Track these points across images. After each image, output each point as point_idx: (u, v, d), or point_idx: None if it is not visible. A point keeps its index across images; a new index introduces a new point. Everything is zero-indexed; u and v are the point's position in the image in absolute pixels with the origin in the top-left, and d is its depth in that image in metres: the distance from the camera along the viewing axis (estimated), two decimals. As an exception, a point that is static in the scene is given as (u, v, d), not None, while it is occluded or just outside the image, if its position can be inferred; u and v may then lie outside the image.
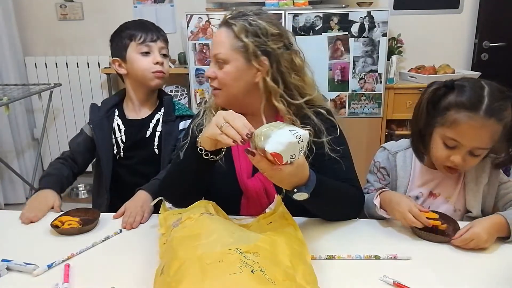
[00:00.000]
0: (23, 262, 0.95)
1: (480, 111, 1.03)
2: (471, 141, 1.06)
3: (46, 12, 3.42)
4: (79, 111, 3.47)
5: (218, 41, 1.15)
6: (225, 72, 1.14)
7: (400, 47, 3.14)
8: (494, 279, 0.90)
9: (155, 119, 1.50)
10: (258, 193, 1.18)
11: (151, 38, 1.44)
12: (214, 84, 1.17)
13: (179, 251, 0.80)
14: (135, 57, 1.43)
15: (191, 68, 2.86)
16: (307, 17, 2.69)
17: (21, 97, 2.88)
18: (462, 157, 1.08)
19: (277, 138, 0.83)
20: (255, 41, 1.11)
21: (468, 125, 1.04)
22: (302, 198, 0.94)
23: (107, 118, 1.49)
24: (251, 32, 1.11)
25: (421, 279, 0.90)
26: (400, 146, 1.28)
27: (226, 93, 1.16)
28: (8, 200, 3.32)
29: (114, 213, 1.22)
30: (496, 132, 1.05)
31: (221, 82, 1.15)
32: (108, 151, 1.47)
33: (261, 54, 1.12)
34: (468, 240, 0.99)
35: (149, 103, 1.52)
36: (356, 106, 2.84)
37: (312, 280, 0.80)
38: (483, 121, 1.03)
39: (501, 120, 1.04)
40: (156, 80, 1.45)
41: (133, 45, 1.43)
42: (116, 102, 1.54)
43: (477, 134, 1.04)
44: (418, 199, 1.22)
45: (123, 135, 1.48)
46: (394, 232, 1.10)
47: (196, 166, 1.06)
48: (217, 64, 1.15)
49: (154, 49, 1.44)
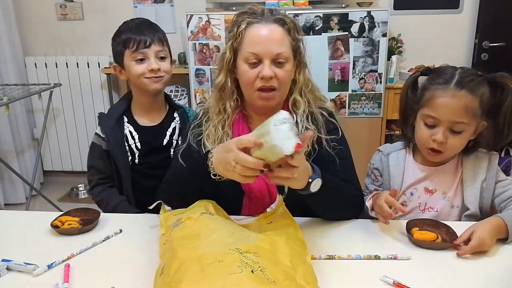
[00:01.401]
0: (23, 262, 0.95)
1: (451, 84, 1.11)
2: (446, 115, 1.10)
3: (46, 12, 3.42)
4: (79, 111, 3.47)
5: (277, 39, 1.11)
6: (287, 70, 1.14)
7: (400, 47, 3.14)
8: (494, 279, 0.90)
9: (171, 127, 1.48)
10: (262, 193, 1.17)
11: (145, 44, 1.38)
12: (274, 83, 1.12)
13: (179, 251, 0.80)
14: (130, 65, 1.40)
15: (191, 68, 2.85)
16: (307, 17, 2.69)
17: (21, 97, 2.88)
18: (443, 133, 1.11)
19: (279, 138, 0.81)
20: (301, 39, 1.16)
21: (441, 98, 1.11)
22: (318, 186, 0.96)
23: (118, 126, 1.46)
24: (298, 31, 1.17)
25: (421, 279, 0.90)
26: (394, 147, 1.31)
27: (282, 94, 1.17)
28: (8, 200, 3.32)
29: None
30: (471, 105, 1.09)
31: (282, 81, 1.13)
32: (124, 159, 1.45)
33: (303, 50, 1.17)
34: (476, 248, 0.98)
35: (156, 107, 1.50)
36: (356, 106, 2.83)
37: (312, 280, 0.80)
38: (454, 92, 1.10)
39: (473, 92, 1.09)
40: (153, 85, 1.41)
41: (128, 53, 1.39)
42: (124, 108, 1.50)
43: (450, 106, 1.10)
44: (413, 195, 1.23)
45: (138, 142, 1.46)
46: (394, 232, 1.10)
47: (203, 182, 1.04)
48: (274, 64, 1.11)
49: (150, 55, 1.39)
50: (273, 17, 1.13)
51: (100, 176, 1.50)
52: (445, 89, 1.11)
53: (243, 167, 0.86)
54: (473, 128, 1.13)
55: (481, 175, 1.18)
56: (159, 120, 1.49)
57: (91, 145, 1.52)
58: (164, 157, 1.45)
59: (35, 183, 3.20)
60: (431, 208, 1.21)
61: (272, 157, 0.83)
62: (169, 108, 1.53)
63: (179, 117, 1.50)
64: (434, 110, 1.12)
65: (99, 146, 1.49)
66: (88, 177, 1.53)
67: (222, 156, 0.92)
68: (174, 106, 1.54)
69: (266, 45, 1.11)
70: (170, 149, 1.46)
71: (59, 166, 3.60)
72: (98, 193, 1.48)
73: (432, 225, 1.08)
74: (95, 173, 1.51)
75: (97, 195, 1.48)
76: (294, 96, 1.19)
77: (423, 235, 1.03)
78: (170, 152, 1.46)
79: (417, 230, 1.05)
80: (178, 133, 1.48)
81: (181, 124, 1.49)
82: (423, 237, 1.02)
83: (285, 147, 0.80)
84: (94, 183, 1.50)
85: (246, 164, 0.85)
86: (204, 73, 2.85)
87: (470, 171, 1.19)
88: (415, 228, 1.06)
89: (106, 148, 1.47)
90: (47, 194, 3.16)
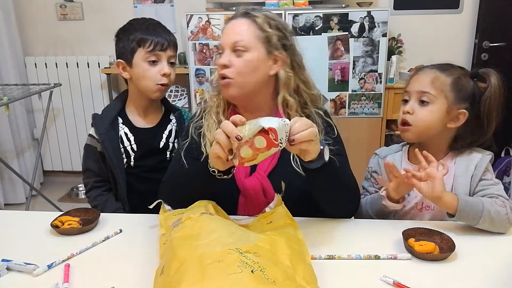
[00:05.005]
0: (23, 262, 0.95)
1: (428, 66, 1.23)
2: (415, 86, 1.20)
3: (46, 12, 3.42)
4: (79, 111, 3.47)
5: (238, 30, 1.14)
6: (245, 60, 1.13)
7: (400, 47, 3.14)
8: (494, 279, 0.90)
9: (168, 130, 1.46)
10: (256, 192, 1.18)
11: (161, 47, 1.34)
12: (227, 72, 1.14)
13: (179, 251, 0.80)
14: (141, 65, 1.35)
15: (191, 68, 2.85)
16: (307, 17, 2.69)
17: (21, 97, 2.88)
18: (411, 105, 1.19)
19: (266, 120, 0.88)
20: (277, 34, 1.15)
21: (415, 76, 1.23)
22: (328, 153, 0.99)
23: (113, 127, 1.42)
24: (273, 24, 1.16)
25: (421, 279, 0.90)
26: (391, 150, 1.33)
27: (241, 84, 1.15)
28: (8, 200, 3.32)
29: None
30: (439, 79, 1.17)
31: (238, 70, 1.13)
32: (119, 161, 1.41)
33: (281, 47, 1.16)
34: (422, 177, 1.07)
35: (153, 109, 1.47)
36: (356, 106, 2.84)
37: (312, 280, 0.80)
38: (426, 69, 1.21)
39: (444, 71, 1.18)
40: (157, 93, 1.38)
41: (141, 51, 1.34)
42: (119, 109, 1.46)
43: (419, 78, 1.20)
44: (410, 196, 1.23)
45: (134, 144, 1.43)
46: (394, 232, 1.10)
47: (204, 182, 1.06)
48: (234, 53, 1.14)
49: (163, 59, 1.35)
50: (242, 12, 1.18)
51: (96, 179, 1.47)
52: (421, 69, 1.23)
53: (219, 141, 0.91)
54: (443, 104, 1.16)
55: (470, 172, 1.19)
56: (155, 122, 1.47)
57: (85, 147, 1.48)
58: (160, 160, 1.43)
59: (35, 183, 3.20)
60: (428, 207, 1.22)
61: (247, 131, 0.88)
62: (165, 110, 1.50)
63: (176, 120, 1.48)
64: (408, 86, 1.23)
65: (94, 148, 1.45)
66: (83, 180, 1.50)
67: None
68: (171, 108, 1.51)
69: (228, 35, 1.16)
70: (166, 152, 1.45)
71: (59, 166, 3.60)
72: (94, 198, 1.45)
73: (426, 234, 1.04)
74: (91, 175, 1.48)
75: (93, 200, 1.45)
76: (282, 94, 1.18)
77: (423, 246, 0.98)
78: (167, 154, 1.45)
79: (414, 241, 1.00)
80: (174, 135, 1.46)
81: (178, 127, 1.47)
82: (423, 249, 0.97)
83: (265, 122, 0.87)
84: (90, 186, 1.47)
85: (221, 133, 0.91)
86: (204, 73, 2.85)
87: (462, 168, 1.20)
88: (411, 239, 1.01)
89: (100, 150, 1.43)
90: (47, 194, 3.16)
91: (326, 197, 1.12)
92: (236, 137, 0.88)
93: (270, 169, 1.19)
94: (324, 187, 1.08)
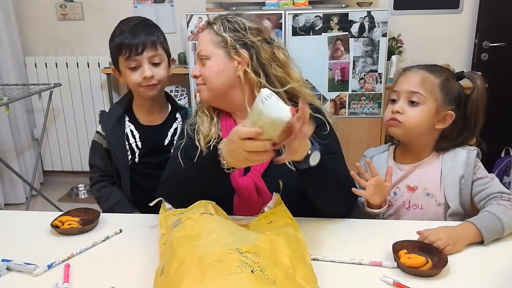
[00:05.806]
0: (23, 262, 0.95)
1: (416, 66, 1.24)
2: (405, 86, 1.20)
3: (46, 12, 3.42)
4: (79, 111, 3.47)
5: (201, 41, 1.23)
6: (208, 67, 1.20)
7: (400, 47, 3.14)
8: (493, 279, 0.90)
9: (173, 128, 1.48)
10: (249, 191, 1.18)
11: (136, 51, 1.33)
12: (199, 81, 1.22)
13: (179, 251, 0.80)
14: (125, 72, 1.37)
15: (191, 68, 2.85)
16: (307, 17, 2.69)
17: (21, 97, 2.88)
18: (400, 105, 1.20)
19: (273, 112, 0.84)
20: (233, 35, 1.18)
21: (403, 75, 1.23)
22: (317, 159, 0.97)
23: (119, 124, 1.45)
24: (229, 27, 1.19)
25: (421, 279, 0.89)
26: (378, 150, 1.34)
27: (209, 88, 1.21)
28: (8, 200, 3.32)
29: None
30: (429, 80, 1.18)
31: (204, 77, 1.20)
32: (124, 158, 1.44)
33: (240, 47, 1.18)
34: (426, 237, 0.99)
35: (157, 107, 1.48)
36: (356, 106, 2.84)
37: (312, 280, 0.80)
38: (415, 69, 1.22)
39: (433, 72, 1.20)
40: (149, 93, 1.38)
41: (121, 59, 1.36)
42: (126, 107, 1.48)
43: (409, 78, 1.21)
44: (396, 195, 1.24)
45: (139, 141, 1.45)
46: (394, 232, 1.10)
47: (210, 176, 1.06)
48: (200, 62, 1.21)
49: (143, 62, 1.35)
50: (207, 22, 1.25)
51: (101, 174, 1.50)
52: (409, 69, 1.24)
53: (255, 153, 0.90)
54: (433, 106, 1.17)
55: (458, 171, 1.19)
56: (161, 120, 1.49)
57: (92, 143, 1.52)
58: (165, 158, 1.42)
59: (35, 183, 3.20)
60: (415, 206, 1.22)
61: (275, 132, 0.86)
62: (171, 108, 1.53)
63: (181, 118, 1.50)
64: (396, 85, 1.23)
65: (100, 144, 1.48)
66: (89, 174, 1.54)
67: (230, 149, 0.95)
68: (177, 106, 1.53)
69: (197, 46, 1.26)
70: (171, 150, 1.45)
71: (59, 166, 3.60)
72: (98, 190, 1.48)
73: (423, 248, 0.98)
74: (96, 171, 1.51)
75: (97, 192, 1.48)
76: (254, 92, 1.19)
77: (411, 259, 0.92)
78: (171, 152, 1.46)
79: (405, 253, 0.95)
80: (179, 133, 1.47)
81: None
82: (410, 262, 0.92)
83: (283, 115, 0.84)
84: (95, 179, 1.51)
85: (256, 149, 0.89)
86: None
87: (449, 168, 1.20)
88: (403, 251, 0.95)
89: (106, 146, 1.46)
90: (47, 194, 3.16)
91: (318, 196, 1.12)
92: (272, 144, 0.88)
93: (264, 169, 1.19)
94: (316, 186, 1.08)
